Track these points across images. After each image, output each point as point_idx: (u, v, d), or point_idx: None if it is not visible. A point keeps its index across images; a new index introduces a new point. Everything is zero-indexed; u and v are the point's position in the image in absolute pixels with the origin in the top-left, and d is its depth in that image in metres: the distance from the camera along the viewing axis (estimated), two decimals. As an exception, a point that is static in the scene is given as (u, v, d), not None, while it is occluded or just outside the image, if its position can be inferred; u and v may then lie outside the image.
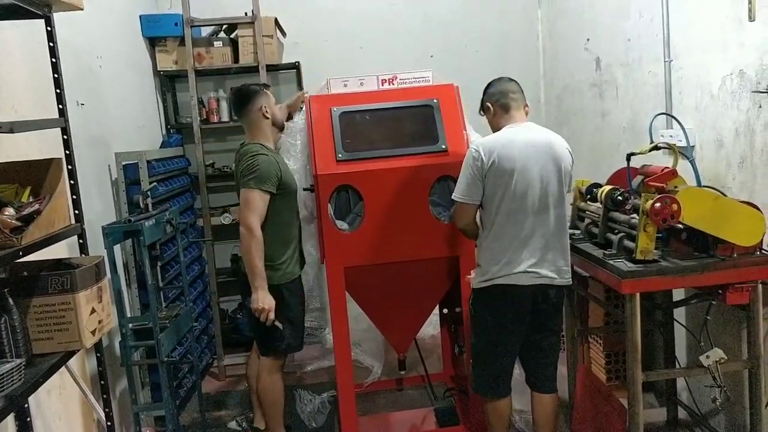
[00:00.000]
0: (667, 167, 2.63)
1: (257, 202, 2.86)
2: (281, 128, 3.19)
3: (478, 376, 2.76)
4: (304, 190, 3.67)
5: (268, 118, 3.04)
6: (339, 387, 3.14)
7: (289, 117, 3.29)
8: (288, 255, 3.05)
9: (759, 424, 2.54)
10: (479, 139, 2.71)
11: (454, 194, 2.65)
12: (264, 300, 2.89)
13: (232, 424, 3.60)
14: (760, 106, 2.53)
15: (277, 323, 2.95)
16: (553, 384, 2.77)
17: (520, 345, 2.71)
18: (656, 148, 2.79)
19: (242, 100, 3.06)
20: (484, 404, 2.79)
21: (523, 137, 2.58)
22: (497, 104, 2.70)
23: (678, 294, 3.04)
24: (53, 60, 2.30)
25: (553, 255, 2.58)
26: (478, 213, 2.67)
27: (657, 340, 3.38)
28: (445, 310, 3.66)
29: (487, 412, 2.78)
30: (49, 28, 2.27)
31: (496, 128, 2.73)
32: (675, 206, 2.39)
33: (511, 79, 2.76)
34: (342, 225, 3.04)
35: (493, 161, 2.52)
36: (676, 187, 2.54)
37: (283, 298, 3.02)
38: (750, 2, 2.50)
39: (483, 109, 2.80)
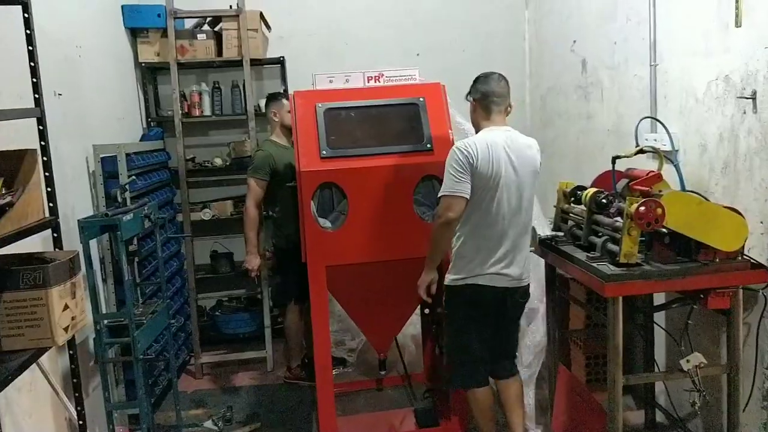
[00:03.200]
0: (651, 171, 2.63)
1: (253, 187, 3.75)
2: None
3: (454, 370, 2.85)
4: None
5: (276, 120, 3.87)
6: (318, 387, 3.11)
7: None
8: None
9: (736, 427, 2.55)
10: (463, 140, 2.69)
11: (443, 191, 2.61)
12: (250, 262, 3.84)
13: (208, 423, 3.54)
14: (744, 112, 2.53)
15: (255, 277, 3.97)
16: (515, 368, 2.93)
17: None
18: (641, 151, 2.79)
19: (266, 103, 4.01)
20: (466, 398, 2.87)
21: (504, 142, 2.63)
22: (480, 104, 2.74)
23: (659, 298, 3.05)
24: (30, 48, 2.23)
25: (519, 256, 2.71)
26: None
27: (637, 343, 3.39)
28: (427, 311, 3.64)
29: (469, 404, 2.87)
30: (26, 15, 2.20)
31: (474, 123, 2.82)
32: (659, 210, 2.38)
33: (501, 78, 2.76)
34: (325, 223, 3.01)
35: (478, 164, 2.57)
36: (660, 191, 2.54)
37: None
38: (737, 8, 2.51)
39: (470, 101, 2.81)
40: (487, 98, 2.70)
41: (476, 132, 2.79)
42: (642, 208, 2.38)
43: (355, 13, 4.86)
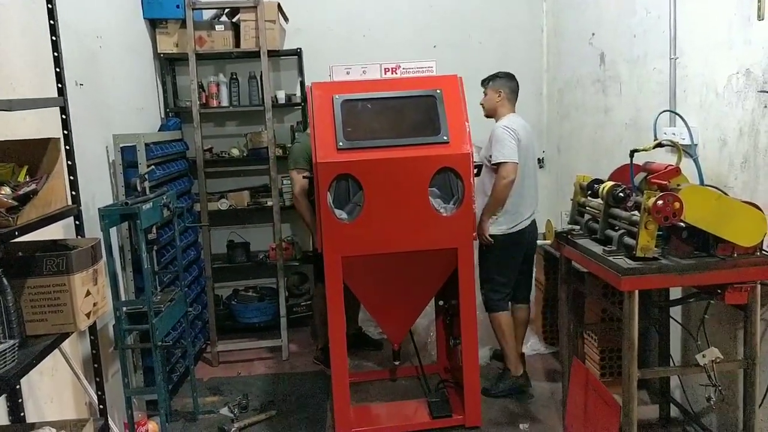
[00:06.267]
0: (670, 165, 2.62)
1: (296, 178, 3.81)
2: None
3: (492, 297, 3.57)
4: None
5: None
6: (333, 376, 3.14)
7: None
8: None
9: (752, 423, 2.54)
10: (505, 123, 3.44)
11: (505, 158, 3.30)
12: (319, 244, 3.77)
13: (224, 410, 3.59)
14: (766, 106, 2.51)
15: None
16: (529, 296, 3.74)
17: None
18: (660, 145, 2.78)
19: (303, 98, 4.26)
20: (493, 321, 3.58)
21: (524, 124, 3.52)
22: (507, 96, 3.54)
23: (675, 292, 3.03)
24: (53, 38, 2.25)
25: (534, 204, 3.60)
26: (491, 178, 3.42)
27: (652, 337, 3.38)
28: (441, 302, 3.66)
29: (499, 325, 3.56)
30: (50, 6, 2.23)
31: (491, 108, 3.56)
32: (677, 204, 2.37)
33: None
34: (341, 214, 3.02)
35: (520, 139, 3.40)
36: (678, 185, 2.53)
37: None
38: (759, 0, 2.48)
39: (492, 89, 3.53)
40: (513, 94, 3.57)
41: (489, 113, 3.58)
42: (659, 202, 2.37)
43: (373, 6, 4.85)
